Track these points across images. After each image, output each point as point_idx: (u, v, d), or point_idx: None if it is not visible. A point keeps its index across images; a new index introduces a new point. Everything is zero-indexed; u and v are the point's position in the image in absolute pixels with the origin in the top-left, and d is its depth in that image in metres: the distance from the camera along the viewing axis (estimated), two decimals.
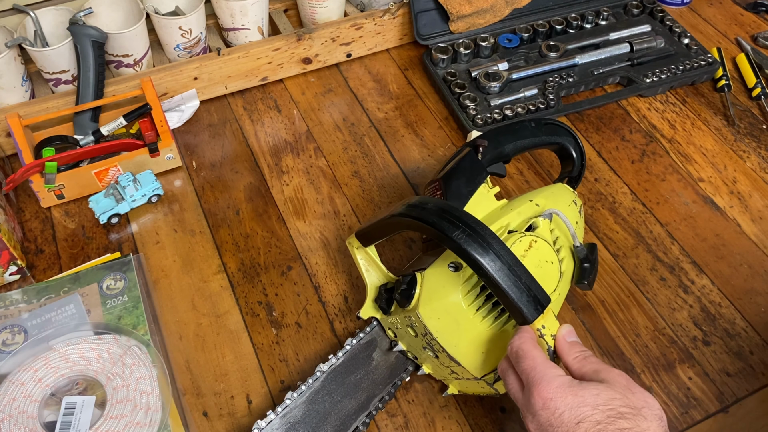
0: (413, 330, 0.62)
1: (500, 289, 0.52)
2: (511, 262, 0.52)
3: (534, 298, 0.52)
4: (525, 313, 0.52)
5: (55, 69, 0.87)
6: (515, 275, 0.52)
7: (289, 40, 0.96)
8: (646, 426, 0.47)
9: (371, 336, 0.67)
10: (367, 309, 0.67)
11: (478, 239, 0.52)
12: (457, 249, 0.53)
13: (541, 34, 1.02)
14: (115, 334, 0.69)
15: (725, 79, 0.99)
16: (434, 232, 0.54)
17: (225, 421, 0.66)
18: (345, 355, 0.65)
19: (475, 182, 0.66)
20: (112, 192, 0.81)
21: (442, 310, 0.59)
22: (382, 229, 0.62)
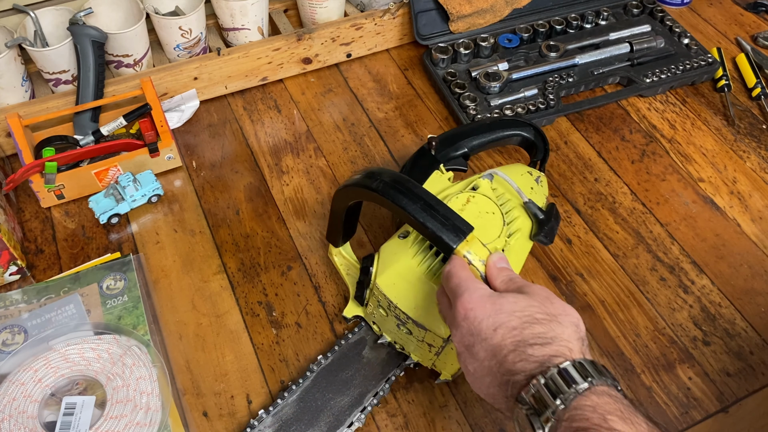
0: (383, 309, 0.64)
1: (421, 224, 0.55)
2: (429, 200, 0.55)
3: (454, 226, 0.54)
4: (446, 240, 0.54)
5: (55, 69, 0.87)
6: (434, 209, 0.55)
7: (289, 40, 0.96)
8: (561, 331, 0.49)
9: (360, 335, 0.69)
10: (350, 308, 0.70)
11: (398, 186, 0.56)
12: (381, 199, 0.56)
13: (541, 34, 1.02)
14: (115, 334, 0.69)
15: (725, 79, 0.99)
16: (362, 192, 0.57)
17: (225, 421, 0.66)
18: (334, 354, 0.67)
19: (427, 171, 0.72)
20: (112, 192, 0.81)
21: (395, 274, 0.62)
22: (334, 218, 0.65)
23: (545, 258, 0.79)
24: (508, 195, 0.69)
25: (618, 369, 0.70)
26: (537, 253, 0.80)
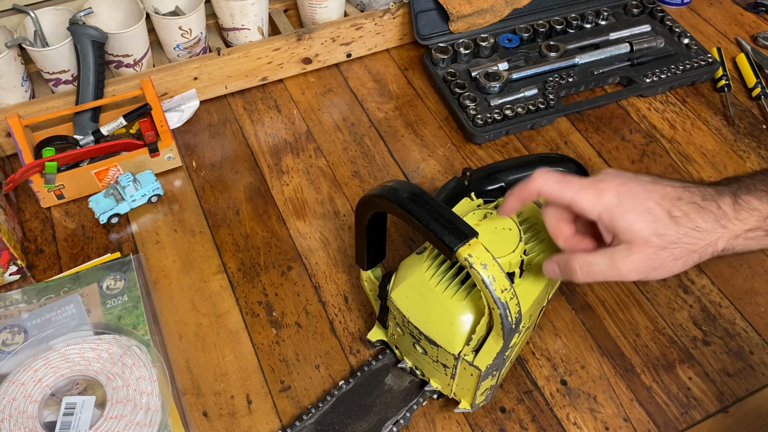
0: (399, 327, 0.63)
1: (424, 227, 0.53)
2: (435, 206, 0.54)
3: (456, 230, 0.53)
4: (446, 242, 0.52)
5: (55, 69, 0.87)
6: (438, 214, 0.53)
7: (289, 40, 0.96)
8: None
9: (383, 362, 0.68)
10: (375, 331, 0.69)
11: (407, 193, 0.54)
12: (389, 205, 0.54)
13: (541, 34, 1.02)
14: (115, 334, 0.69)
15: (725, 79, 0.99)
16: (373, 201, 0.56)
17: (225, 421, 0.66)
18: (356, 379, 0.66)
19: (457, 198, 0.68)
20: (112, 192, 0.81)
21: (409, 288, 0.61)
22: (357, 237, 0.63)
23: None
24: (539, 226, 0.65)
25: (618, 369, 0.70)
26: None
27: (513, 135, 0.93)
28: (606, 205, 0.51)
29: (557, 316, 0.74)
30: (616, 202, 0.50)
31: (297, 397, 0.68)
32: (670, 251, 0.49)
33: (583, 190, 0.52)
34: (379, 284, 0.65)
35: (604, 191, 0.51)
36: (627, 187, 0.51)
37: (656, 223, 0.49)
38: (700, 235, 0.49)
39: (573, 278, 0.54)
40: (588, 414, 0.67)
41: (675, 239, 0.49)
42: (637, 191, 0.50)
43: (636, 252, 0.50)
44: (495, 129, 0.91)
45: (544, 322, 0.74)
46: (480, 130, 0.90)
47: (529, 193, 0.55)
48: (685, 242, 0.49)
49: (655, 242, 0.49)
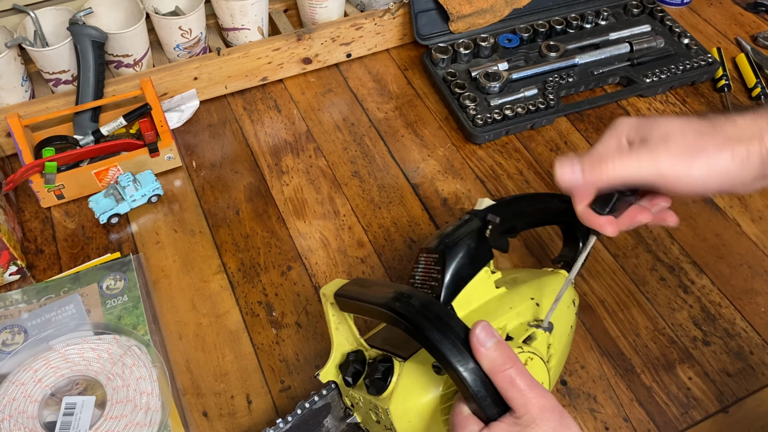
0: (375, 416, 0.56)
1: (475, 398, 0.47)
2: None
3: (497, 399, 0.47)
4: (486, 411, 0.47)
5: (55, 69, 0.87)
6: (490, 387, 0.46)
7: (289, 40, 0.96)
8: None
9: (326, 400, 0.60)
10: (329, 372, 0.60)
11: (460, 348, 0.47)
12: (440, 358, 0.48)
13: (541, 34, 1.02)
14: (115, 334, 0.69)
15: (725, 79, 0.99)
16: (418, 336, 0.49)
17: (225, 421, 0.66)
18: (295, 418, 0.59)
19: (478, 265, 0.58)
20: (112, 192, 0.81)
21: (414, 413, 0.53)
22: (363, 311, 0.55)
23: (545, 258, 0.80)
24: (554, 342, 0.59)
25: (618, 369, 0.70)
26: (537, 254, 0.80)
27: (513, 135, 0.93)
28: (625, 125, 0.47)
29: None
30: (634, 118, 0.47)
31: (297, 397, 0.68)
32: (711, 137, 0.45)
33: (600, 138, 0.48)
34: (374, 379, 0.55)
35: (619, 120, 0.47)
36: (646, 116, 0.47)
37: (689, 120, 0.46)
38: (739, 127, 0.45)
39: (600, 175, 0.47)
40: (588, 414, 0.67)
41: (711, 129, 0.45)
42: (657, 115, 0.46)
43: (673, 138, 0.45)
44: (495, 129, 0.91)
45: None
46: (480, 130, 0.90)
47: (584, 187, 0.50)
48: (726, 130, 0.45)
49: (691, 132, 0.45)
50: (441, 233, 0.60)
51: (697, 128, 0.46)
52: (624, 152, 0.47)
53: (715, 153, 0.45)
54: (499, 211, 0.61)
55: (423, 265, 0.59)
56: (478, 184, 0.87)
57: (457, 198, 0.85)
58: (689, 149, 0.45)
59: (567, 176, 0.49)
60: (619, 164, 0.46)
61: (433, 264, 0.58)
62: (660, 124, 0.46)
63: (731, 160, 0.45)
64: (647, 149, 0.46)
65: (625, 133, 0.48)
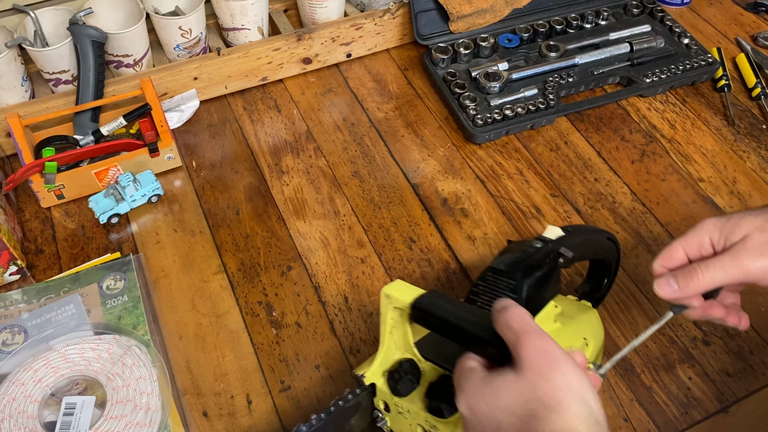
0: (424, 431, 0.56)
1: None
2: None
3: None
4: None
5: (55, 69, 0.87)
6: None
7: (289, 40, 0.96)
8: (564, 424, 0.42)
9: (358, 399, 0.59)
10: (374, 374, 0.58)
11: None
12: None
13: (541, 34, 1.02)
14: (115, 334, 0.69)
15: (725, 79, 0.99)
16: None
17: (225, 421, 0.66)
18: (328, 416, 0.57)
19: (548, 297, 0.59)
20: (112, 192, 0.81)
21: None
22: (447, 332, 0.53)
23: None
24: None
25: (618, 369, 0.70)
26: None
27: (513, 135, 0.93)
28: (709, 226, 0.53)
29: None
30: (718, 219, 0.53)
31: (297, 397, 0.68)
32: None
33: (685, 234, 0.54)
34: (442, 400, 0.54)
35: (702, 222, 0.53)
36: (726, 214, 0.54)
37: (763, 213, 0.51)
38: None
39: (695, 287, 0.52)
40: None
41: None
42: (735, 211, 0.53)
43: (752, 239, 0.50)
44: (495, 129, 0.91)
45: None
46: (480, 130, 0.90)
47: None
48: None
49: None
50: (516, 259, 0.58)
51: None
52: (710, 260, 0.52)
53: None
54: (569, 243, 0.61)
55: (492, 287, 0.57)
56: (478, 184, 0.87)
57: (457, 198, 0.85)
58: (766, 246, 0.50)
59: (667, 293, 0.54)
60: (708, 273, 0.51)
61: (505, 288, 0.56)
62: (741, 225, 0.52)
63: None
64: (729, 253, 0.51)
65: (708, 234, 0.53)
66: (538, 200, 0.85)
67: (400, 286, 0.55)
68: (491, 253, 0.80)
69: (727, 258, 0.51)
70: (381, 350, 0.58)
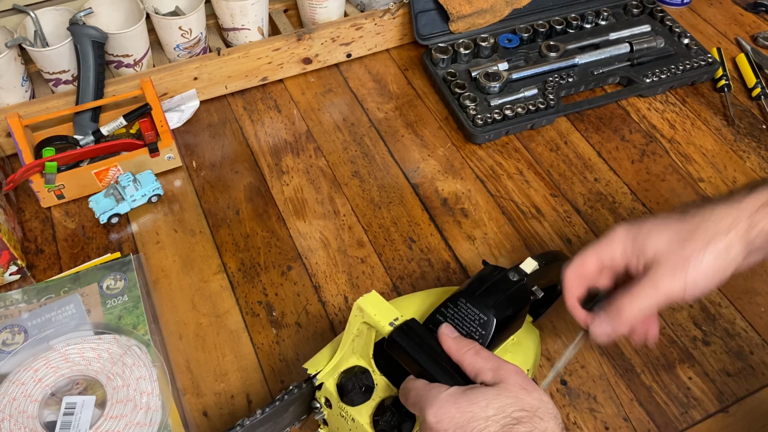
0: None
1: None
2: None
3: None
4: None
5: (55, 69, 0.87)
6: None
7: (289, 40, 0.96)
8: (544, 426, 0.45)
9: (301, 392, 0.58)
10: (327, 376, 0.57)
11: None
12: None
13: (541, 34, 1.02)
14: (115, 334, 0.69)
15: (725, 79, 0.99)
16: None
17: (225, 421, 0.66)
18: (272, 409, 0.56)
19: (511, 333, 0.60)
20: (112, 192, 0.81)
21: None
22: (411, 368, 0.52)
23: None
24: None
25: (618, 369, 0.70)
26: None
27: (513, 135, 0.93)
28: (621, 236, 0.53)
29: (557, 316, 0.74)
30: (629, 229, 0.53)
31: None
32: (690, 245, 0.50)
33: (597, 242, 0.55)
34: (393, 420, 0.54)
35: (613, 229, 0.54)
36: (636, 221, 0.54)
37: (669, 225, 0.51)
38: (715, 220, 0.50)
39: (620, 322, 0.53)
40: (588, 414, 0.67)
41: (690, 230, 0.50)
42: (646, 217, 0.53)
43: (662, 260, 0.51)
44: (495, 129, 0.91)
45: (544, 323, 0.73)
46: (480, 130, 0.90)
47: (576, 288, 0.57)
48: (701, 231, 0.50)
49: (674, 242, 0.50)
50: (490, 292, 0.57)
51: (680, 236, 0.51)
52: (631, 292, 0.52)
53: (701, 257, 0.50)
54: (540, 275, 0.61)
55: (461, 314, 0.57)
56: (478, 184, 0.87)
57: (457, 198, 0.85)
58: (679, 263, 0.50)
59: (604, 337, 0.55)
60: (633, 306, 0.52)
61: (474, 322, 0.56)
62: (651, 239, 0.52)
63: (715, 258, 0.50)
64: (647, 281, 0.51)
65: (621, 245, 0.54)
66: (538, 200, 0.85)
67: (374, 302, 0.54)
68: (491, 253, 0.80)
69: (646, 286, 0.51)
70: (338, 354, 0.57)
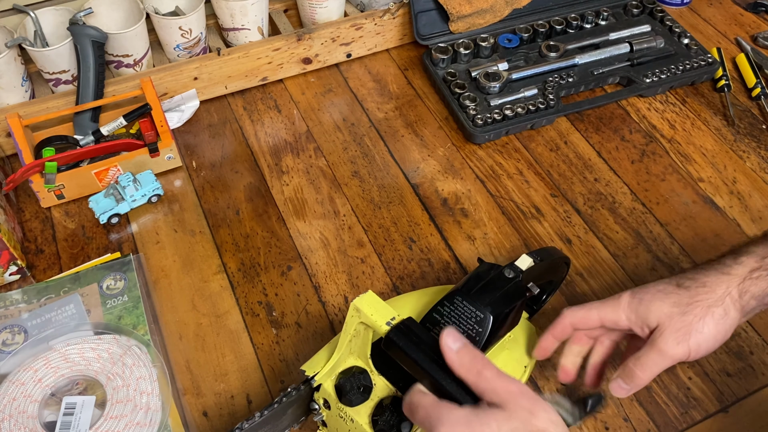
0: None
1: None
2: None
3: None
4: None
5: (55, 69, 0.87)
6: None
7: (289, 40, 0.96)
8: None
9: (300, 394, 0.58)
10: (324, 377, 0.57)
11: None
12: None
13: (541, 34, 1.02)
14: (115, 334, 0.69)
15: (725, 79, 0.99)
16: None
17: (225, 421, 0.66)
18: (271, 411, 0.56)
19: (509, 330, 0.60)
20: (112, 192, 0.81)
21: None
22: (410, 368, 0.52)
23: None
24: None
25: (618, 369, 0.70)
26: None
27: (513, 135, 0.93)
28: (625, 305, 0.57)
29: (555, 314, 0.74)
30: (632, 298, 0.56)
31: None
32: (691, 313, 0.54)
33: (603, 304, 0.58)
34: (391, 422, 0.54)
35: (620, 297, 0.57)
36: (638, 287, 0.57)
37: (669, 295, 0.55)
38: (710, 289, 0.54)
39: (635, 385, 0.56)
40: None
41: (689, 300, 0.54)
42: (647, 286, 0.57)
43: (665, 328, 0.54)
44: (495, 129, 0.91)
45: (544, 323, 0.73)
46: (480, 130, 0.90)
47: (563, 329, 0.59)
48: (700, 300, 0.54)
49: (676, 311, 0.54)
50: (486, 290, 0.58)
51: (680, 307, 0.54)
52: (642, 358, 0.55)
53: (702, 325, 0.54)
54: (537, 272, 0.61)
55: (458, 312, 0.57)
56: (478, 184, 0.87)
57: (457, 198, 0.85)
58: (682, 331, 0.54)
59: (623, 394, 0.57)
60: (646, 370, 0.55)
61: (471, 319, 0.56)
62: (651, 310, 0.55)
63: (715, 323, 0.54)
64: (653, 348, 0.55)
65: (625, 314, 0.57)
66: (538, 200, 0.85)
67: (371, 302, 0.53)
68: (491, 253, 0.80)
69: (653, 353, 0.55)
70: (336, 355, 0.57)
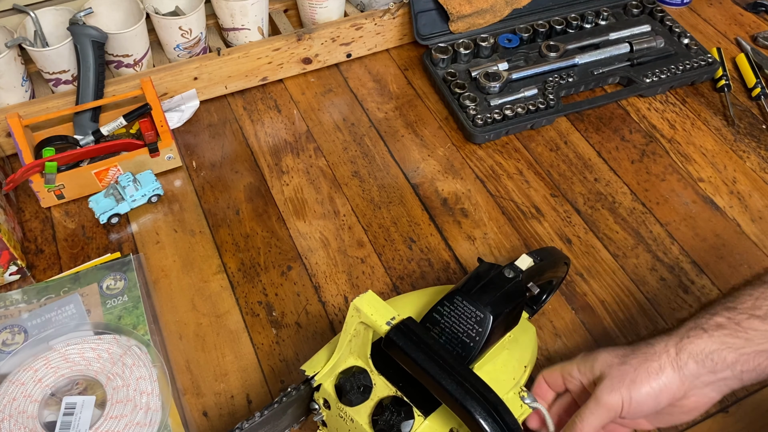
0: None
1: None
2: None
3: None
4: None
5: (55, 69, 0.87)
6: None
7: (289, 40, 0.96)
8: None
9: (300, 394, 0.58)
10: (324, 377, 0.57)
11: None
12: None
13: (541, 34, 1.02)
14: (115, 334, 0.69)
15: (725, 79, 0.99)
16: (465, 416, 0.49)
17: (225, 421, 0.66)
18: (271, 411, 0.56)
19: (508, 330, 0.60)
20: (112, 192, 0.81)
21: None
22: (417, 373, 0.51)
23: None
24: None
25: None
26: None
27: (513, 135, 0.93)
28: (579, 357, 0.59)
29: (557, 316, 0.74)
30: (588, 353, 0.59)
31: None
32: (628, 363, 0.55)
33: (569, 361, 0.59)
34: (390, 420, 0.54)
35: (577, 356, 0.59)
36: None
37: (616, 349, 0.57)
38: (650, 344, 0.56)
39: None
40: None
41: (631, 352, 0.56)
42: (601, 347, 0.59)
43: (605, 376, 0.55)
44: (495, 129, 0.91)
45: (544, 323, 0.74)
46: (480, 130, 0.90)
47: (544, 391, 0.61)
48: (640, 352, 0.56)
49: (616, 361, 0.56)
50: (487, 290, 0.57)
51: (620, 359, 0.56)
52: (581, 409, 0.56)
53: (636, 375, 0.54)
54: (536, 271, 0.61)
55: (458, 312, 0.57)
56: (478, 184, 0.87)
57: (457, 198, 0.85)
58: (617, 380, 0.55)
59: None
60: (585, 422, 0.55)
61: (471, 319, 0.56)
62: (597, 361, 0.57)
63: (648, 377, 0.54)
64: (593, 398, 0.55)
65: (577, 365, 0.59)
66: (538, 200, 0.85)
67: (371, 302, 0.53)
68: (491, 253, 0.80)
69: (591, 402, 0.55)
70: (336, 355, 0.56)
